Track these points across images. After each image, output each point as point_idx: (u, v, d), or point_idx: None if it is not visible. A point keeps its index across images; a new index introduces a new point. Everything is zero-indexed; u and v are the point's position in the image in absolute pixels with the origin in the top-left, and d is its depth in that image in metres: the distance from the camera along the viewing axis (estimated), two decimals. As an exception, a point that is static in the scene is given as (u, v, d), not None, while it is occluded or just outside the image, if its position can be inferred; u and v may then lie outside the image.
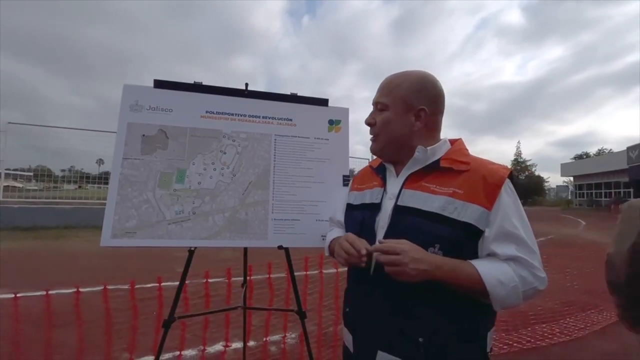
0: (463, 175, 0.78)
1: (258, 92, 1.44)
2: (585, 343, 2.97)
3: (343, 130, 1.49)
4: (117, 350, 1.94)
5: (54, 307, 1.75)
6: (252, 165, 1.36)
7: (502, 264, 0.73)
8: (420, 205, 0.78)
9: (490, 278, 0.70)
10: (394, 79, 0.88)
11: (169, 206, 1.25)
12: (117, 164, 1.24)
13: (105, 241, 1.17)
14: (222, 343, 2.18)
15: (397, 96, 0.85)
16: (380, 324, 0.79)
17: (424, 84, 0.85)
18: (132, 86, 1.33)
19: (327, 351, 2.42)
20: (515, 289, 0.71)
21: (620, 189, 27.93)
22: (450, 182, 0.78)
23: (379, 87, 0.90)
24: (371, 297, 0.82)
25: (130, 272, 4.57)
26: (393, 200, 0.83)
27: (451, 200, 0.75)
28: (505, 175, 0.77)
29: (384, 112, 0.87)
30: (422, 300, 0.75)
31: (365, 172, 1.03)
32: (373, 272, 0.81)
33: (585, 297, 3.88)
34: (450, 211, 0.74)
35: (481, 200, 0.74)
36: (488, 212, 0.73)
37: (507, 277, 0.71)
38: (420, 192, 0.80)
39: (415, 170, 0.84)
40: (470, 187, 0.75)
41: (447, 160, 0.82)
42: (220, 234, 1.28)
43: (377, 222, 0.85)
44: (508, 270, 0.72)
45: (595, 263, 4.26)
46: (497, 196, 0.74)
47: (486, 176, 0.76)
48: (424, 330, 0.74)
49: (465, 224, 0.73)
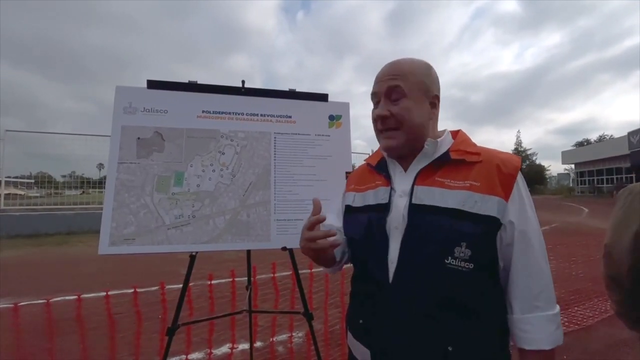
0: (476, 166, 0.74)
1: (255, 89, 1.39)
2: (594, 331, 2.96)
3: (344, 125, 1.44)
4: (122, 356, 1.92)
5: (57, 314, 1.73)
6: (252, 165, 1.32)
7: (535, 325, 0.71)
8: (439, 202, 0.73)
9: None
10: (403, 65, 0.79)
11: (167, 210, 1.21)
12: (113, 168, 1.20)
13: (104, 249, 1.13)
14: (229, 345, 2.16)
15: (414, 82, 0.77)
16: (406, 336, 0.73)
17: (430, 69, 0.80)
18: (125, 88, 1.28)
19: (334, 350, 2.41)
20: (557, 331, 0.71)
21: (622, 175, 27.85)
22: (464, 174, 0.74)
23: (386, 75, 0.79)
24: (392, 309, 0.75)
25: (135, 275, 4.56)
26: (404, 198, 0.77)
27: (470, 194, 0.71)
28: (518, 164, 0.74)
29: (402, 101, 0.77)
30: (448, 307, 0.71)
31: (363, 171, 0.96)
32: (393, 281, 0.75)
33: (592, 285, 3.86)
34: (471, 205, 0.70)
35: (498, 192, 0.71)
36: (505, 202, 0.70)
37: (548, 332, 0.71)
38: (435, 188, 0.75)
39: (425, 164, 0.79)
40: (487, 179, 0.72)
41: (458, 152, 0.76)
42: (221, 237, 1.24)
43: (389, 223, 0.78)
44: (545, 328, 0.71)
45: (600, 251, 4.21)
46: (513, 186, 0.72)
47: (500, 166, 0.73)
48: (452, 338, 0.70)
49: (487, 217, 0.69)
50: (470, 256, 0.68)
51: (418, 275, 0.72)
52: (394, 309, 0.75)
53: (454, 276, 0.69)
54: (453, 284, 0.70)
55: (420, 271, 0.72)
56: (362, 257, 0.86)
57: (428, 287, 0.71)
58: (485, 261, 0.70)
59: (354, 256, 0.91)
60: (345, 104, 1.47)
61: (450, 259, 0.69)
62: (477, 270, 0.69)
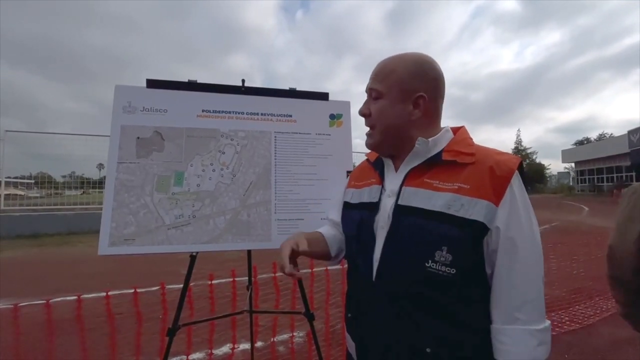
0: (468, 168, 0.71)
1: (255, 88, 1.38)
2: (595, 330, 2.95)
3: (345, 124, 1.43)
4: (122, 356, 1.92)
5: (58, 315, 1.72)
6: (253, 164, 1.31)
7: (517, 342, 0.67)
8: (424, 204, 0.71)
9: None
10: (387, 63, 0.79)
11: (168, 210, 1.20)
12: (112, 168, 1.19)
13: (103, 250, 1.12)
14: (229, 345, 2.16)
15: (393, 82, 0.76)
16: (385, 334, 0.74)
17: (421, 66, 0.76)
18: (124, 87, 1.27)
19: (335, 349, 2.40)
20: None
21: (622, 173, 27.83)
22: (455, 176, 0.71)
23: (372, 73, 0.81)
24: (375, 306, 0.77)
25: (135, 275, 4.55)
26: (392, 198, 0.77)
27: (456, 197, 0.68)
28: (514, 167, 0.70)
29: (379, 101, 0.78)
30: (427, 309, 0.69)
31: (363, 168, 0.96)
32: (375, 280, 0.76)
33: (593, 284, 3.86)
34: (457, 209, 0.67)
35: (489, 195, 0.67)
36: (495, 207, 0.67)
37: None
38: (422, 189, 0.73)
39: (416, 164, 0.77)
40: (477, 181, 0.69)
41: (450, 153, 0.74)
42: (222, 237, 1.23)
43: (377, 222, 0.78)
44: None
45: (601, 249, 4.23)
46: (506, 190, 0.68)
47: (494, 168, 0.69)
48: (431, 340, 0.69)
49: (473, 222, 0.66)
50: (451, 261, 0.66)
51: (398, 276, 0.72)
52: (377, 306, 0.76)
53: (434, 280, 0.68)
54: (433, 288, 0.68)
55: (400, 272, 0.72)
56: (353, 253, 0.86)
57: (408, 288, 0.71)
58: (467, 267, 0.68)
59: (348, 252, 0.92)
60: (346, 102, 1.47)
61: (431, 263, 0.68)
62: (460, 275, 0.67)
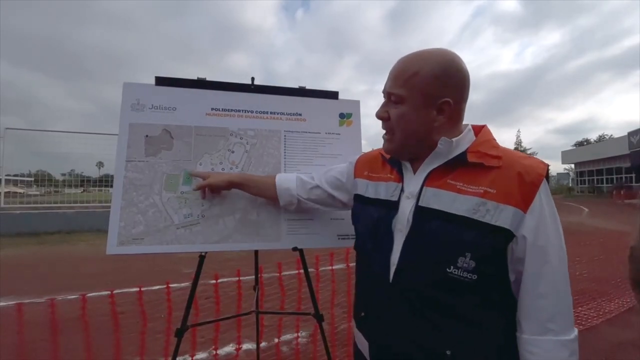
0: (494, 171, 0.68)
1: (265, 86, 1.37)
2: (598, 332, 2.95)
3: (355, 123, 1.42)
4: (126, 356, 1.90)
5: (60, 313, 1.71)
6: (262, 163, 1.30)
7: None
8: (447, 207, 0.68)
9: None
10: (409, 65, 0.72)
11: (176, 210, 1.19)
12: (121, 167, 1.17)
13: (112, 249, 1.10)
14: (233, 345, 2.14)
15: (415, 87, 0.71)
16: (403, 335, 0.72)
17: (447, 69, 0.71)
18: (133, 84, 1.26)
19: (340, 350, 2.39)
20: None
21: (622, 175, 27.85)
22: (480, 179, 0.68)
23: (392, 74, 0.75)
24: (391, 306, 0.74)
25: (136, 274, 4.54)
26: (411, 200, 0.74)
27: (483, 202, 0.66)
28: (543, 173, 0.68)
29: (399, 106, 0.73)
30: (446, 312, 0.68)
31: (375, 159, 0.91)
32: (393, 281, 0.74)
33: (595, 286, 3.85)
34: (482, 214, 0.65)
35: (516, 202, 0.65)
36: (523, 213, 0.65)
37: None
38: (445, 191, 0.70)
39: (437, 165, 0.74)
40: (504, 186, 0.66)
41: (476, 154, 0.71)
42: (231, 236, 1.21)
43: (395, 224, 0.76)
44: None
45: (603, 250, 4.22)
46: (534, 197, 0.66)
47: (522, 173, 0.66)
48: (451, 342, 0.67)
49: (499, 229, 0.64)
50: (474, 267, 0.65)
51: (418, 281, 0.70)
52: (393, 307, 0.74)
53: (456, 286, 0.66)
54: (453, 292, 0.67)
55: (419, 276, 0.70)
56: (367, 250, 0.84)
57: (428, 293, 0.69)
58: (490, 273, 0.66)
59: (360, 247, 0.89)
60: (356, 101, 1.45)
61: (453, 269, 0.66)
62: (482, 281, 0.65)
